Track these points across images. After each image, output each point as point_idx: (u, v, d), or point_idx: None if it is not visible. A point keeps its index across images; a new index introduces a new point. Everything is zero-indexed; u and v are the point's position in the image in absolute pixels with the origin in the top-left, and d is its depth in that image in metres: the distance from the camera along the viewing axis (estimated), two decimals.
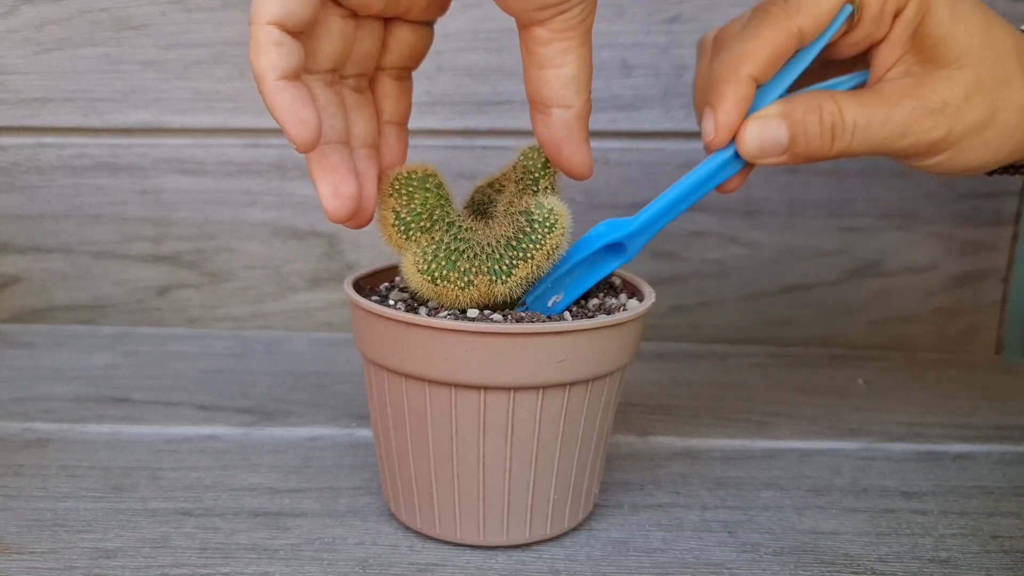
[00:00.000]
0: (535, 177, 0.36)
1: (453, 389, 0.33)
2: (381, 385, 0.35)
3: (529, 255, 0.34)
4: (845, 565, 0.35)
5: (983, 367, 0.61)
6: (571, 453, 0.35)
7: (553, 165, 0.35)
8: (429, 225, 0.35)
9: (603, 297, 0.39)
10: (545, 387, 0.33)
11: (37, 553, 0.35)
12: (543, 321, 0.33)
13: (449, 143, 0.61)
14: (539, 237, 0.33)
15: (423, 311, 0.35)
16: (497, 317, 0.34)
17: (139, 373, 0.56)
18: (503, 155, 0.61)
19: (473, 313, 0.34)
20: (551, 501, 0.35)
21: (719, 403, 0.53)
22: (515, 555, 0.36)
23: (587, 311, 0.36)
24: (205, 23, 0.59)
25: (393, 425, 0.36)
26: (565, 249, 0.34)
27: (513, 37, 0.59)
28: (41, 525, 0.37)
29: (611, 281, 0.41)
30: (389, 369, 0.34)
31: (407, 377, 0.34)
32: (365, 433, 0.47)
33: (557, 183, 0.36)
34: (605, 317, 0.34)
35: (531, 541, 0.36)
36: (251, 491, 0.40)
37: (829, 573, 0.35)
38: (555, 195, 0.35)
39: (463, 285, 0.34)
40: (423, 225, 0.35)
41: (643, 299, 0.37)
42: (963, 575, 0.35)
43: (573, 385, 0.33)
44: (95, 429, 0.47)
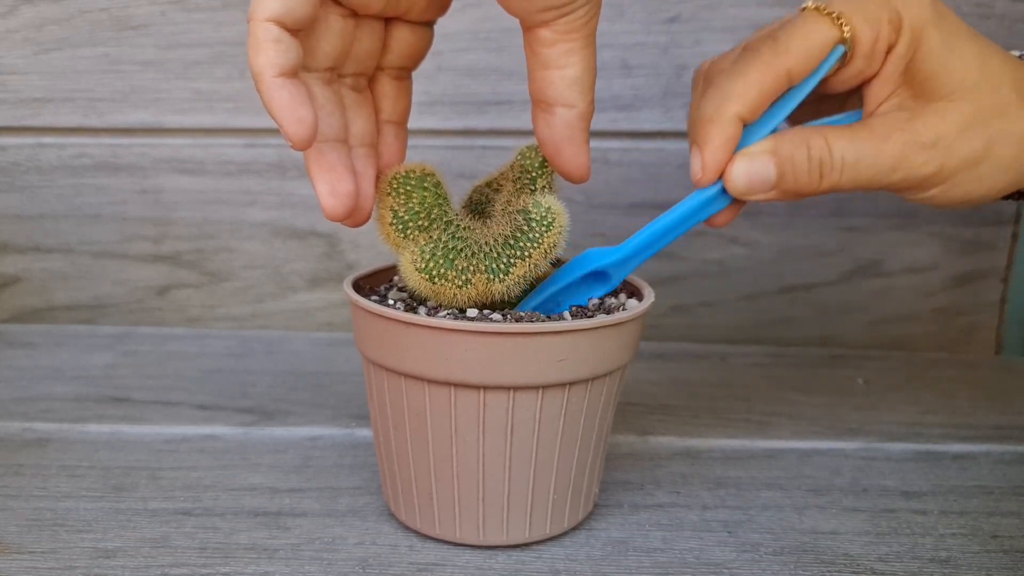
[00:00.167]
0: (532, 177, 0.36)
1: (453, 389, 0.33)
2: (381, 385, 0.35)
3: (527, 253, 0.34)
4: (845, 565, 0.35)
5: (983, 367, 0.61)
6: (571, 453, 0.35)
7: (551, 166, 0.35)
8: (427, 224, 0.35)
9: (603, 297, 0.39)
10: (545, 387, 0.33)
11: (37, 553, 0.35)
12: (543, 321, 0.33)
13: (449, 143, 0.61)
14: (536, 236, 0.34)
15: (422, 310, 0.35)
16: (497, 317, 0.34)
17: (139, 373, 0.56)
18: (503, 155, 0.60)
19: (472, 312, 0.34)
20: (551, 501, 0.35)
21: (719, 403, 0.53)
22: (515, 555, 0.36)
23: (587, 311, 0.36)
24: (205, 23, 0.59)
25: (393, 425, 0.36)
26: (562, 248, 0.34)
27: (513, 37, 0.60)
28: (41, 525, 0.37)
29: None
30: (389, 369, 0.34)
31: (407, 377, 0.34)
32: (365, 433, 0.47)
33: (554, 182, 0.37)
34: (605, 317, 0.34)
35: (531, 541, 0.36)
36: (251, 491, 0.41)
37: (829, 573, 0.35)
38: (553, 194, 0.36)
39: (461, 283, 0.34)
40: (421, 224, 0.35)
41: (642, 299, 0.37)
42: (963, 575, 0.35)
43: (573, 385, 0.33)
44: (95, 429, 0.47)
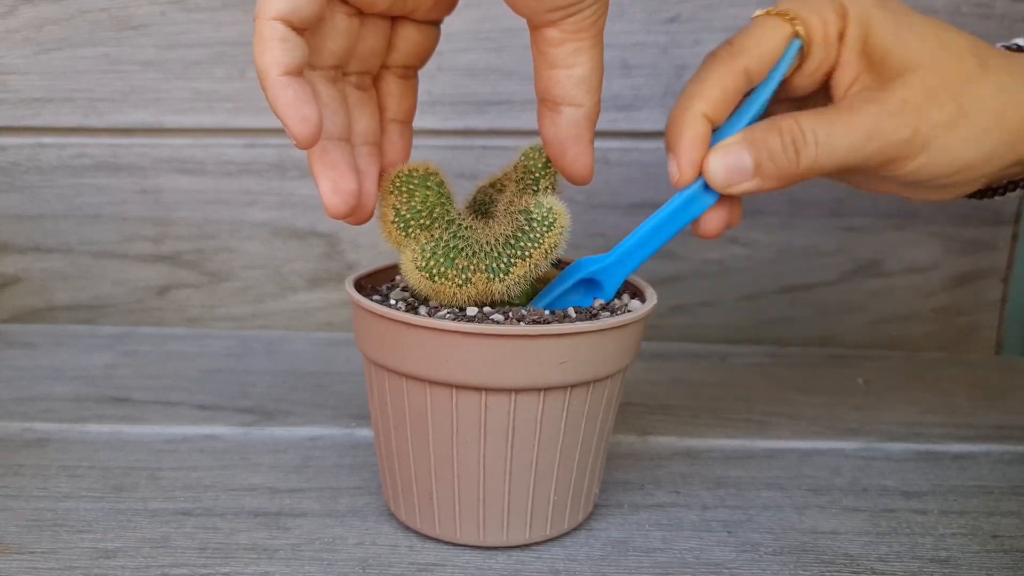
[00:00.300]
0: (535, 177, 0.36)
1: (454, 390, 0.33)
2: (382, 385, 0.35)
3: (527, 254, 0.34)
4: (845, 565, 0.36)
5: (983, 366, 0.61)
6: (571, 454, 0.35)
7: (555, 166, 0.35)
8: (429, 223, 0.35)
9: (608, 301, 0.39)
10: (546, 389, 0.33)
11: (37, 553, 0.35)
12: (544, 322, 0.33)
13: (449, 143, 0.61)
14: (537, 236, 0.34)
15: (423, 310, 0.35)
16: (498, 317, 0.34)
17: (139, 373, 0.56)
18: (503, 155, 0.61)
19: (472, 311, 0.34)
20: (551, 502, 0.35)
21: (719, 403, 0.53)
22: (515, 555, 0.36)
23: (591, 311, 0.36)
24: (205, 23, 0.59)
25: (393, 425, 0.36)
26: (563, 249, 0.34)
27: (513, 37, 0.60)
28: (41, 525, 0.37)
29: None
30: (390, 369, 0.34)
31: (408, 377, 0.34)
32: (365, 433, 0.47)
33: (558, 183, 0.37)
34: (607, 319, 0.34)
35: (531, 541, 0.36)
36: (251, 491, 0.41)
37: (829, 573, 0.35)
38: (555, 195, 0.36)
39: (461, 283, 0.34)
40: (423, 223, 0.35)
41: (644, 300, 0.37)
42: (963, 574, 0.35)
43: (574, 387, 0.33)
44: (95, 429, 0.47)
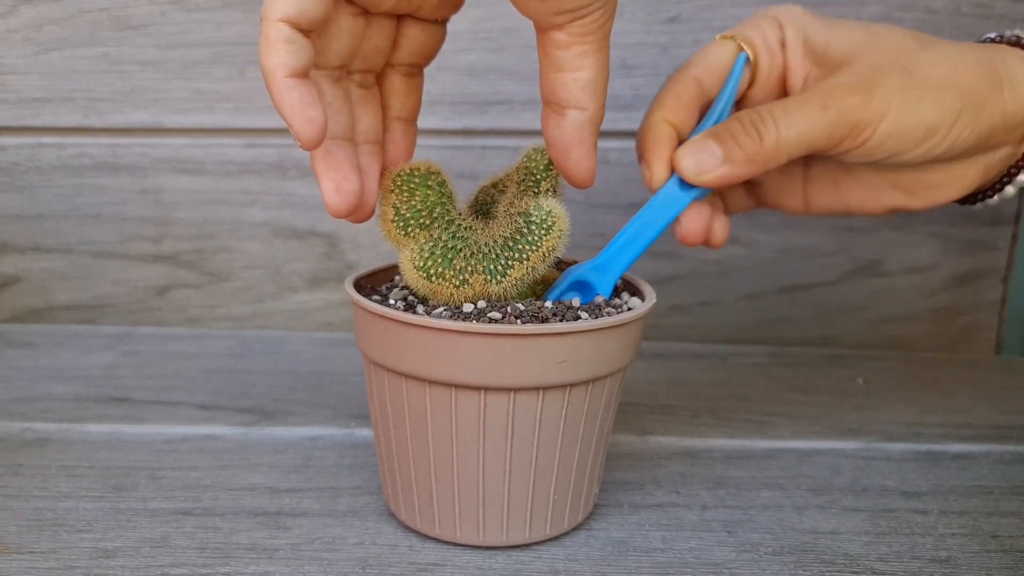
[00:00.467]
0: (537, 179, 0.36)
1: (453, 389, 0.33)
2: (381, 385, 0.35)
3: (525, 256, 0.34)
4: (845, 565, 0.36)
5: (983, 367, 0.61)
6: (571, 454, 0.35)
7: (557, 169, 0.35)
8: (428, 222, 0.35)
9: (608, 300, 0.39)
10: (546, 388, 0.33)
11: (37, 553, 0.35)
12: (544, 320, 0.33)
13: (449, 143, 0.61)
14: (535, 239, 0.34)
15: (420, 309, 0.35)
16: (496, 315, 0.34)
17: (139, 373, 0.56)
18: (502, 155, 0.61)
19: (468, 308, 0.34)
20: (551, 501, 0.35)
21: (719, 403, 0.53)
22: (515, 555, 0.36)
23: (595, 307, 0.36)
24: (205, 23, 0.59)
25: (393, 425, 0.36)
26: (561, 252, 0.34)
27: (513, 37, 0.60)
28: (41, 525, 0.37)
29: None
30: (389, 369, 0.34)
31: (407, 377, 0.34)
32: (365, 433, 0.47)
33: (559, 185, 0.36)
34: (606, 318, 0.34)
35: (531, 541, 0.36)
36: (251, 491, 0.41)
37: (829, 573, 0.35)
38: (556, 197, 0.36)
39: (458, 283, 0.34)
40: (422, 222, 0.35)
41: (644, 299, 0.37)
42: (963, 574, 0.35)
43: (574, 386, 0.33)
44: (95, 429, 0.47)
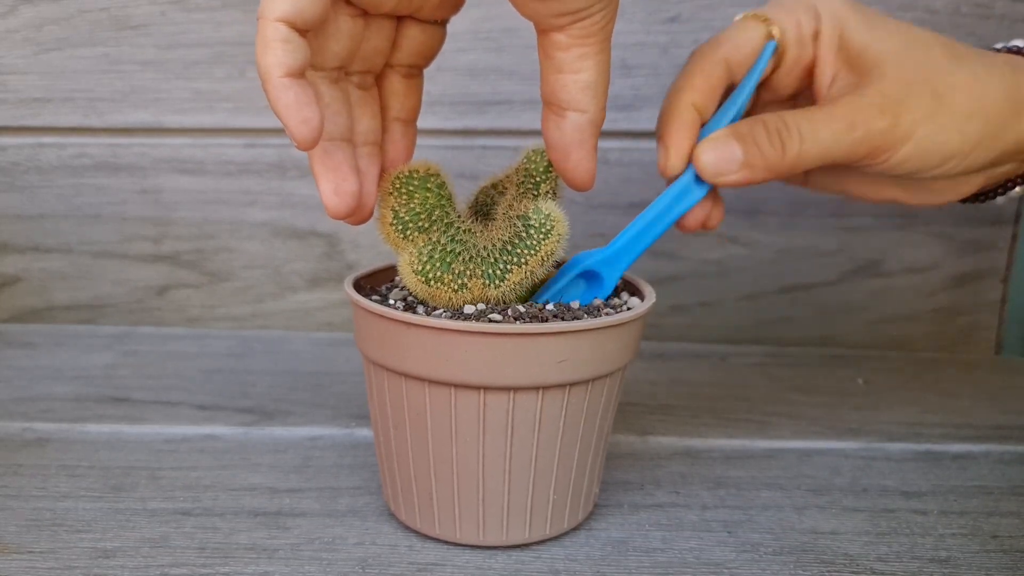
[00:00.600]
0: (536, 181, 0.36)
1: (453, 389, 0.33)
2: (381, 385, 0.35)
3: (523, 260, 0.34)
4: (845, 565, 0.35)
5: (983, 367, 0.61)
6: (571, 453, 0.35)
7: (556, 171, 0.35)
8: (427, 225, 0.35)
9: (607, 298, 0.39)
10: (545, 387, 0.33)
11: (36, 553, 0.35)
12: (543, 320, 0.33)
13: (448, 143, 0.61)
14: (534, 243, 0.33)
15: (421, 309, 0.35)
16: (497, 317, 0.34)
17: (139, 373, 0.56)
18: (502, 155, 0.61)
19: (470, 309, 0.34)
20: (551, 501, 0.35)
21: (719, 403, 0.53)
22: (515, 555, 0.36)
23: (593, 308, 0.36)
24: (205, 23, 0.59)
25: (393, 425, 0.36)
26: (560, 256, 0.34)
27: (513, 37, 0.60)
28: (41, 525, 0.37)
29: None
30: (389, 369, 0.34)
31: (407, 377, 0.34)
32: (365, 433, 0.47)
33: (559, 187, 0.36)
34: (606, 317, 0.34)
35: (531, 541, 0.36)
36: (251, 491, 0.41)
37: (829, 573, 0.35)
38: (555, 200, 0.35)
39: (456, 287, 0.34)
40: (421, 225, 0.35)
41: (643, 299, 0.37)
42: (963, 574, 0.35)
43: (573, 385, 0.33)
44: (95, 429, 0.47)
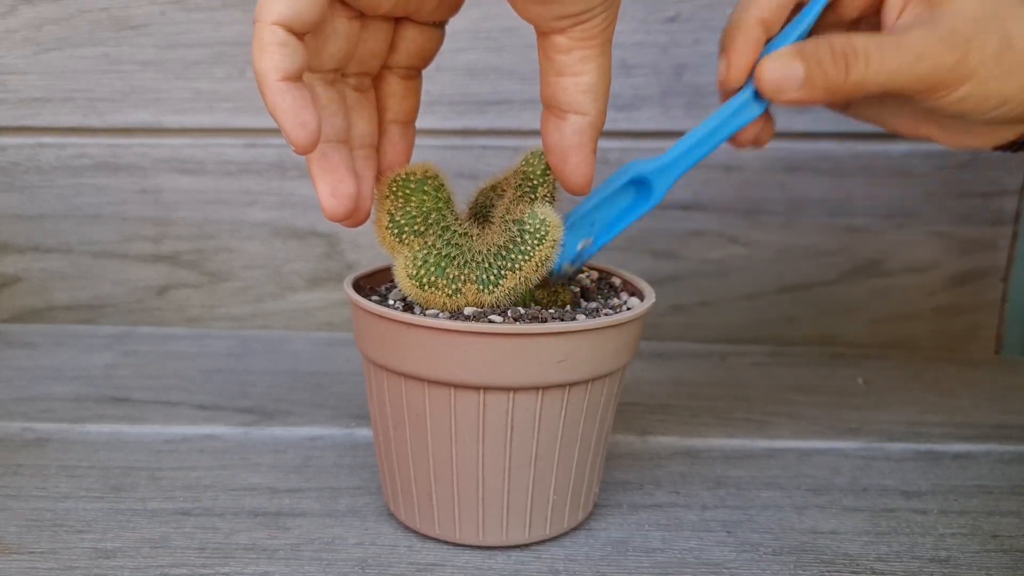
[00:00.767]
0: (534, 184, 0.36)
1: (453, 389, 0.33)
2: (381, 385, 0.35)
3: (517, 266, 0.33)
4: (845, 564, 0.35)
5: (983, 366, 0.61)
6: (571, 453, 0.35)
7: (554, 174, 0.34)
8: (423, 229, 0.35)
9: (604, 295, 0.39)
10: (545, 387, 0.33)
11: (37, 553, 0.35)
12: (543, 321, 0.33)
13: (448, 143, 0.61)
14: (528, 248, 0.33)
15: (418, 309, 0.35)
16: (497, 317, 0.34)
17: (139, 373, 0.56)
18: (502, 155, 0.61)
19: (469, 311, 0.34)
20: (550, 501, 0.35)
21: (719, 403, 0.53)
22: (514, 555, 0.36)
23: (594, 310, 0.36)
24: (205, 23, 0.59)
25: (393, 425, 0.36)
26: (555, 261, 0.34)
27: (513, 37, 0.60)
28: (41, 525, 0.37)
29: (611, 281, 0.41)
30: (389, 369, 0.34)
31: (407, 377, 0.34)
32: (365, 433, 0.47)
33: (556, 191, 0.36)
34: (605, 317, 0.34)
35: (530, 541, 0.36)
36: (251, 491, 0.41)
37: (829, 572, 0.35)
38: (552, 204, 0.35)
39: (451, 292, 0.34)
40: (417, 229, 0.34)
41: (643, 299, 0.37)
42: (963, 574, 0.35)
43: (573, 385, 0.33)
44: (95, 429, 0.47)
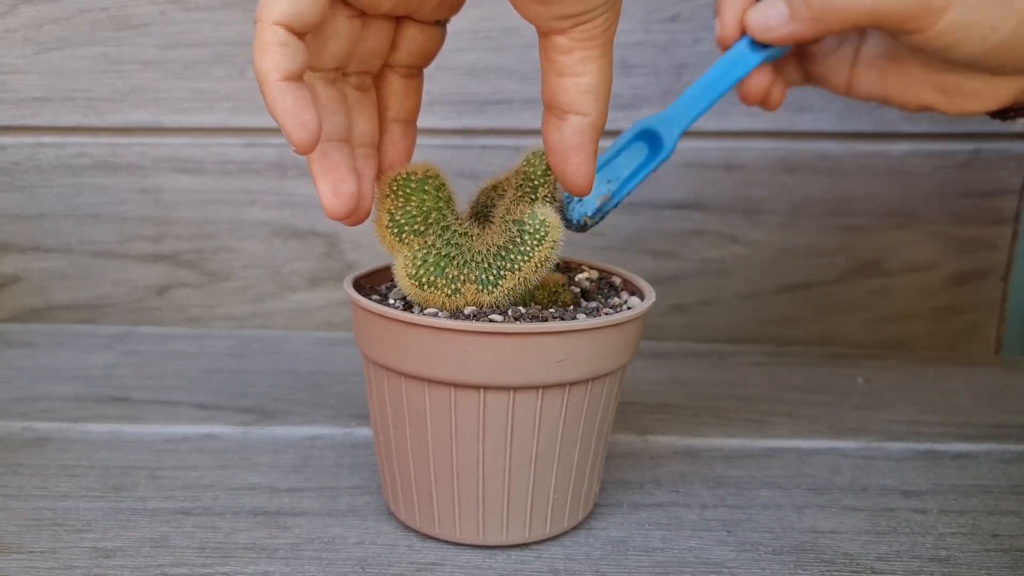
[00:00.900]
0: (534, 184, 0.36)
1: (453, 389, 0.33)
2: (381, 384, 0.35)
3: (517, 266, 0.33)
4: (845, 564, 0.36)
5: (983, 366, 0.61)
6: (571, 453, 0.35)
7: (555, 174, 0.34)
8: (423, 228, 0.35)
9: (604, 295, 0.39)
10: (545, 387, 0.33)
11: (37, 553, 0.35)
12: (543, 320, 0.33)
13: (448, 142, 0.61)
14: (528, 249, 0.33)
15: (417, 308, 0.35)
16: (497, 317, 0.34)
17: (139, 373, 0.56)
18: (502, 155, 0.61)
19: (470, 310, 0.34)
20: (551, 501, 0.35)
21: (719, 402, 0.53)
22: (514, 554, 0.36)
23: (594, 310, 0.36)
24: (205, 23, 0.59)
25: (393, 424, 0.36)
26: (555, 261, 0.34)
27: (513, 36, 0.60)
28: (41, 525, 0.37)
29: (611, 280, 0.41)
30: (389, 368, 0.34)
31: (407, 376, 0.34)
32: (365, 433, 0.47)
33: (556, 191, 0.36)
34: (605, 316, 0.34)
35: (530, 541, 0.36)
36: (251, 490, 0.41)
37: (829, 572, 0.35)
38: (552, 205, 0.35)
39: (450, 292, 0.34)
40: (417, 228, 0.35)
41: (643, 298, 0.37)
42: (963, 574, 0.35)
43: (573, 385, 0.33)
44: (95, 429, 0.47)
